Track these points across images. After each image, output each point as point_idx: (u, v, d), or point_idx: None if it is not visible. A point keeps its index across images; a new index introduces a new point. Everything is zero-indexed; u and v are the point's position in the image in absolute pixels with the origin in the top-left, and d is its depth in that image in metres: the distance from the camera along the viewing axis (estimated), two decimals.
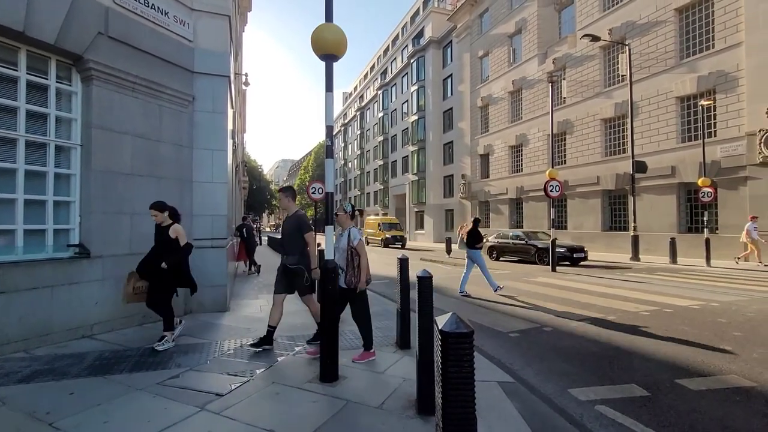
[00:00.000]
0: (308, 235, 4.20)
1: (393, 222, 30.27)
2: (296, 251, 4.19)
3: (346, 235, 3.91)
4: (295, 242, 4.19)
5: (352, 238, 3.86)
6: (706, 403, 3.07)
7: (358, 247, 3.85)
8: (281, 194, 4.47)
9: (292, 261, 4.18)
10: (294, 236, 4.20)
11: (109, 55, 4.93)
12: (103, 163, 4.91)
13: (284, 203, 4.42)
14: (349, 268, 3.79)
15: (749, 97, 13.34)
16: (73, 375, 3.48)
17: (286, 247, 4.26)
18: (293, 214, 4.30)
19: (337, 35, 3.49)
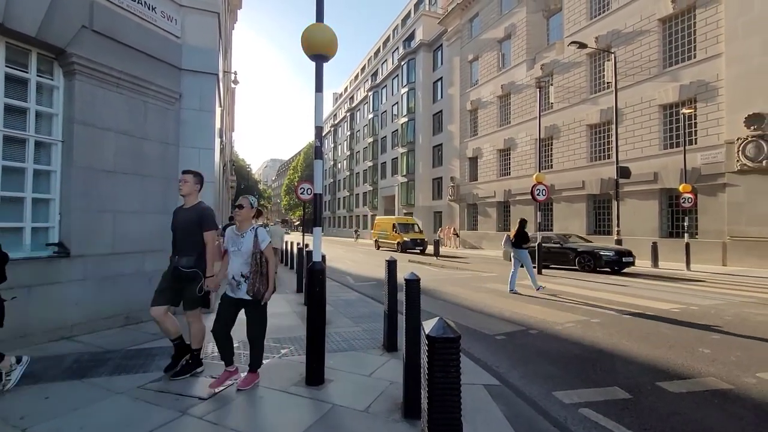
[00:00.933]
0: (210, 234, 3.49)
1: (410, 222, 25.44)
2: (193, 251, 3.45)
3: (251, 236, 3.26)
4: (193, 240, 3.46)
5: (259, 239, 3.25)
6: (686, 405, 3.13)
7: (267, 251, 3.29)
8: (185, 176, 3.56)
9: (188, 263, 3.43)
10: (192, 232, 3.46)
11: (93, 50, 4.81)
12: (85, 160, 4.78)
13: (186, 188, 3.52)
14: (256, 276, 3.17)
15: (728, 107, 13.76)
16: (49, 378, 3.37)
17: (179, 245, 3.49)
18: (194, 205, 3.54)
19: (328, 35, 3.47)
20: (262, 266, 3.21)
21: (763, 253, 12.68)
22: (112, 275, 5.04)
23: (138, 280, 5.35)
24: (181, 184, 3.54)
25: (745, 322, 5.77)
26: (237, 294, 3.26)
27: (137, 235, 5.39)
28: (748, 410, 3.03)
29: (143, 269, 5.44)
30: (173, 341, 3.56)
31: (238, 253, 3.25)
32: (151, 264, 5.54)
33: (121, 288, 5.13)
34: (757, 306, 7.03)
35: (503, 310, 6.64)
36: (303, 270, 7.89)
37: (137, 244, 5.38)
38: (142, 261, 5.44)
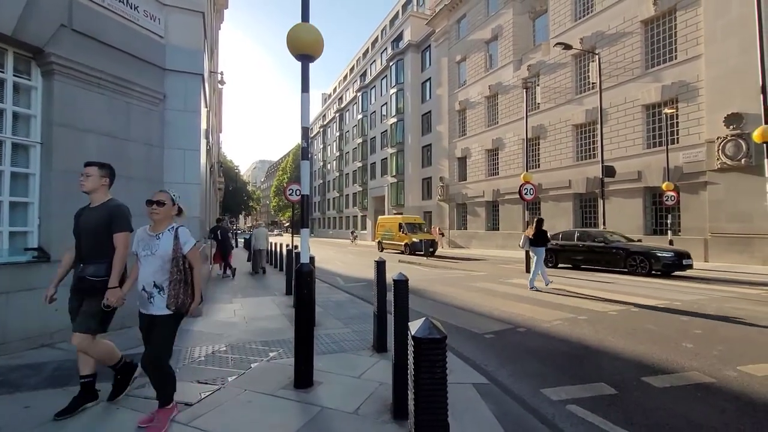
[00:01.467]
0: (121, 237, 2.86)
1: (418, 222, 23.43)
2: (103, 258, 2.86)
3: (169, 238, 2.70)
4: (102, 244, 2.85)
5: (181, 241, 2.70)
6: (671, 399, 3.19)
7: (192, 255, 2.73)
8: (87, 169, 2.95)
9: (96, 272, 2.83)
10: (100, 235, 2.85)
11: (73, 49, 4.70)
12: (65, 163, 4.66)
13: (90, 184, 2.93)
14: (179, 285, 2.61)
15: (708, 107, 14.11)
16: (29, 387, 3.27)
17: (85, 251, 2.90)
18: (104, 203, 2.96)
19: (313, 35, 3.45)
20: (186, 273, 2.67)
21: (743, 248, 13.03)
22: None
23: None
24: (83, 180, 2.91)
25: (726, 318, 5.92)
26: (149, 309, 2.66)
27: None
28: (729, 402, 3.11)
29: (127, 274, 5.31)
30: (114, 367, 2.99)
31: (150, 258, 2.67)
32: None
33: None
34: (738, 301, 7.22)
35: (492, 309, 6.69)
36: (292, 272, 7.83)
37: None
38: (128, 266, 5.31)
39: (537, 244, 8.79)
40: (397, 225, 22.54)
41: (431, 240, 20.62)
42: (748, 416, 2.89)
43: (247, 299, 7.69)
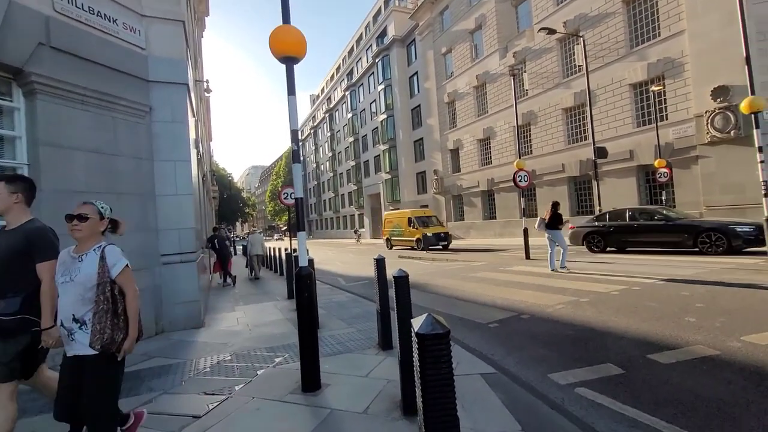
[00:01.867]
0: (46, 267, 2.33)
1: (429, 214, 21.89)
2: (16, 291, 2.30)
3: (95, 258, 2.21)
4: (14, 275, 2.31)
5: (109, 262, 2.21)
6: (677, 375, 3.21)
7: (123, 279, 2.25)
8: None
9: (8, 308, 2.25)
10: (12, 264, 2.30)
11: (54, 67, 4.62)
12: (54, 183, 4.60)
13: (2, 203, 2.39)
14: (105, 317, 2.10)
15: (695, 81, 14.17)
16: (35, 411, 3.23)
17: None
18: (20, 225, 2.43)
19: (295, 37, 3.41)
20: (115, 302, 2.17)
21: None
22: None
23: None
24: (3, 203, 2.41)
25: (726, 289, 5.96)
26: (71, 348, 2.13)
27: None
28: (735, 374, 3.13)
29: None
30: None
31: (69, 285, 2.15)
32: None
33: None
34: (737, 272, 7.27)
35: (495, 298, 6.70)
36: (292, 276, 7.81)
37: None
38: None
39: (552, 226, 9.09)
40: (406, 220, 21.05)
41: (445, 232, 19.59)
42: (754, 386, 2.91)
43: (249, 306, 7.67)
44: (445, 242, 19.18)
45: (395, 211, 25.84)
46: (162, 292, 5.78)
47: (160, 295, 5.76)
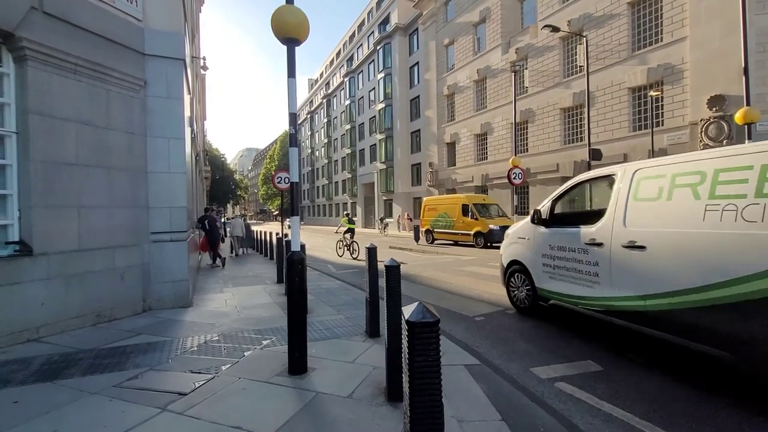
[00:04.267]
0: None
1: (490, 202, 18.19)
2: None
3: None
4: None
5: None
6: (654, 372, 3.31)
7: None
8: None
9: None
10: None
11: (46, 34, 4.48)
12: (43, 153, 4.51)
13: None
14: None
15: (692, 89, 14.29)
16: (17, 382, 3.22)
17: None
18: None
19: (299, 18, 3.35)
20: None
21: None
22: (79, 273, 4.83)
23: (108, 277, 5.16)
24: None
25: None
26: None
27: (105, 230, 5.16)
28: (714, 373, 3.23)
29: (113, 265, 5.24)
30: None
31: None
32: (122, 260, 5.35)
33: (90, 285, 4.93)
34: None
35: (482, 292, 6.79)
36: (283, 260, 7.80)
37: (106, 239, 5.16)
38: (112, 257, 5.24)
39: None
40: (460, 207, 17.22)
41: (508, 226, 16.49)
42: (727, 386, 3.02)
43: (238, 288, 7.66)
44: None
45: (441, 197, 21.65)
46: (150, 269, 5.74)
47: (149, 273, 5.72)
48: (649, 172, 3.70)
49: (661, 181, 3.53)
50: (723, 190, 2.97)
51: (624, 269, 3.71)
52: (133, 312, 5.49)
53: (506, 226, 14.39)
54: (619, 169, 4.09)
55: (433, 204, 19.54)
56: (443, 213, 18.43)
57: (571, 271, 4.41)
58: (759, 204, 2.72)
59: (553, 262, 4.73)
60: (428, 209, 19.65)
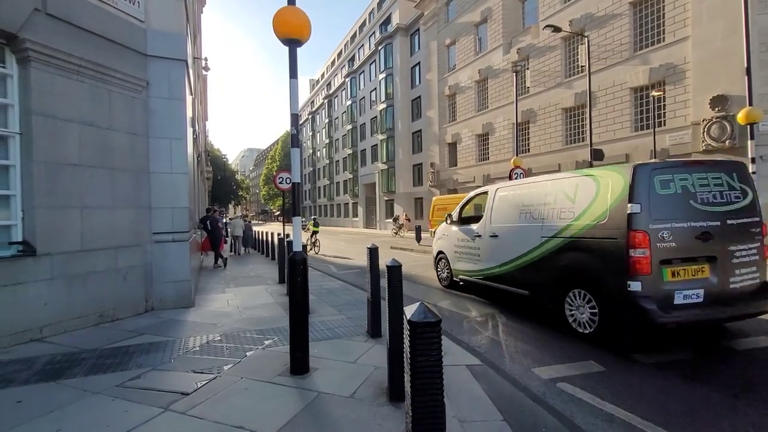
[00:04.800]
0: None
1: None
2: None
3: None
4: None
5: None
6: (655, 374, 3.31)
7: None
8: None
9: None
10: None
11: (49, 35, 4.51)
12: (46, 154, 4.53)
13: None
14: None
15: (694, 89, 14.24)
16: (20, 381, 3.24)
17: None
18: None
19: (301, 19, 3.36)
20: None
21: None
22: (82, 273, 4.85)
23: (111, 277, 5.18)
24: None
25: None
26: None
27: (107, 230, 5.18)
28: (712, 376, 3.23)
29: (116, 266, 5.26)
30: None
31: None
32: (124, 260, 5.37)
33: (92, 286, 4.95)
34: None
35: (483, 292, 6.78)
36: (284, 260, 7.82)
37: (108, 239, 5.18)
38: (115, 257, 5.26)
39: None
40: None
41: None
42: (727, 388, 3.01)
43: (240, 288, 7.68)
44: None
45: (451, 196, 20.26)
46: (153, 269, 5.76)
47: (151, 273, 5.74)
48: (501, 191, 6.09)
49: (506, 196, 5.91)
50: (525, 201, 5.39)
51: (490, 250, 5.97)
52: (136, 312, 5.51)
53: None
54: (490, 188, 6.44)
55: (444, 203, 18.64)
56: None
57: (467, 254, 6.58)
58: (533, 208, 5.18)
59: (460, 249, 6.83)
60: (438, 209, 18.77)
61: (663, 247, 3.72)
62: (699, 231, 3.79)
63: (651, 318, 3.57)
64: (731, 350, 3.76)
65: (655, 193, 3.81)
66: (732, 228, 3.92)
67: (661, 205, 3.80)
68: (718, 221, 3.87)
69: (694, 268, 3.81)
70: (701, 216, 3.82)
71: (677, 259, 3.78)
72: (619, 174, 4.09)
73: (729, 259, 3.88)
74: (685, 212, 3.81)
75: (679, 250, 3.76)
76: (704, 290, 3.74)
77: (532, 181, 5.54)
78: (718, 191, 3.96)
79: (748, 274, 3.96)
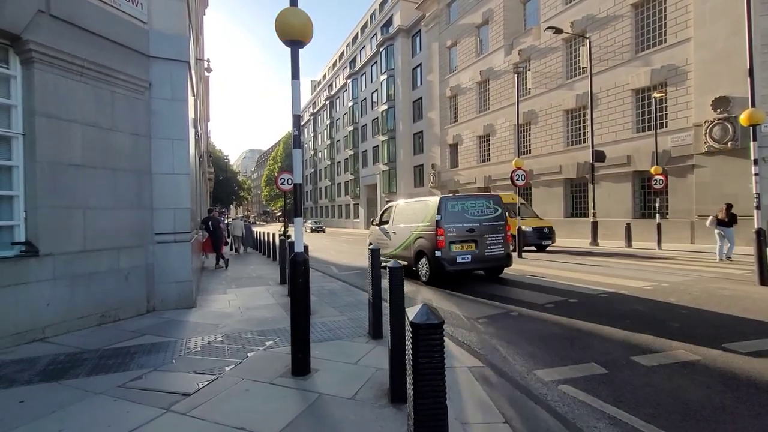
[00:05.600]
0: None
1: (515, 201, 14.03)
2: None
3: None
4: None
5: None
6: (658, 377, 3.29)
7: None
8: None
9: None
10: None
11: (52, 36, 4.53)
12: (49, 154, 4.55)
13: None
14: None
15: (696, 90, 14.22)
16: (23, 382, 3.25)
17: None
18: None
19: (303, 20, 3.37)
20: None
21: None
22: (84, 273, 4.86)
23: (113, 277, 5.20)
24: None
25: (711, 297, 6.09)
26: None
27: (110, 231, 5.20)
28: (714, 379, 3.22)
29: (118, 266, 5.27)
30: None
31: None
32: (126, 260, 5.38)
33: (95, 286, 4.96)
34: (722, 281, 7.42)
35: (484, 294, 6.78)
36: (286, 261, 7.82)
37: (110, 240, 5.20)
38: (117, 257, 5.27)
39: (726, 224, 10.23)
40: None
41: (549, 227, 13.94)
42: (731, 391, 3.00)
43: (241, 289, 7.69)
44: (549, 241, 13.70)
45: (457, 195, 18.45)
46: (155, 270, 5.77)
47: (153, 274, 5.75)
48: (397, 206, 9.55)
49: (400, 209, 9.38)
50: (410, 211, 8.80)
51: (393, 239, 9.30)
52: (137, 312, 5.52)
53: (540, 227, 13.74)
54: (394, 203, 9.87)
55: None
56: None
57: (383, 243, 9.70)
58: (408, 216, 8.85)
59: (378, 240, 10.06)
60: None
61: (451, 236, 7.45)
62: (468, 228, 7.62)
63: (446, 269, 7.40)
64: (736, 353, 3.75)
65: (448, 211, 7.58)
66: (486, 226, 7.75)
67: (450, 216, 7.55)
68: (478, 223, 7.71)
69: (466, 245, 7.59)
70: (469, 221, 7.66)
71: (457, 241, 7.52)
72: (436, 200, 7.83)
73: (485, 241, 7.70)
74: (461, 219, 7.62)
75: (458, 236, 7.53)
76: (471, 256, 7.56)
77: (406, 202, 9.56)
78: (480, 209, 7.83)
79: (496, 248, 7.79)
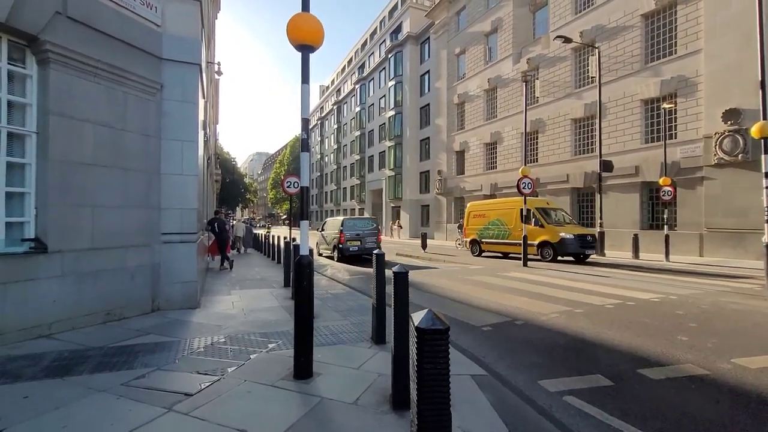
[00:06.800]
0: None
1: (554, 207, 15.37)
2: None
3: None
4: None
5: None
6: (665, 391, 3.24)
7: None
8: None
9: None
10: None
11: (68, 37, 4.62)
12: (61, 153, 4.62)
13: None
14: None
15: (707, 102, 14.11)
16: (28, 377, 3.27)
17: None
18: None
19: (314, 25, 3.41)
20: None
21: (737, 243, 13.14)
22: (92, 271, 4.91)
23: (119, 276, 5.24)
24: None
25: (720, 311, 5.99)
26: None
27: (118, 229, 5.25)
28: (723, 394, 3.15)
29: (125, 265, 5.32)
30: None
31: None
32: (133, 259, 5.42)
33: (101, 284, 5.01)
34: (732, 295, 7.30)
35: (489, 302, 6.73)
36: (290, 264, 7.83)
37: (118, 238, 5.25)
38: (124, 256, 5.31)
39: None
40: (517, 212, 14.13)
41: (592, 235, 13.40)
42: (741, 407, 2.94)
43: (245, 291, 7.70)
44: (592, 250, 13.08)
45: (490, 201, 18.13)
46: (160, 270, 5.81)
47: (159, 273, 5.79)
48: (328, 221, 16.54)
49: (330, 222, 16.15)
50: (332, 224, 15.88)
51: (327, 240, 15.39)
52: (142, 311, 5.55)
53: (583, 235, 13.09)
54: (327, 219, 16.98)
55: (481, 210, 16.83)
56: (495, 220, 15.69)
57: (324, 244, 15.84)
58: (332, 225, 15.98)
59: (322, 242, 16.20)
60: (475, 216, 16.99)
61: (347, 236, 13.78)
62: (356, 233, 13.99)
63: (345, 254, 13.79)
64: (745, 368, 3.67)
65: (347, 225, 14.08)
66: (366, 233, 14.11)
67: (348, 227, 14.00)
68: (362, 231, 14.11)
69: (355, 242, 13.87)
70: (357, 230, 14.07)
71: (351, 239, 13.76)
72: (341, 218, 14.66)
73: (365, 240, 13.94)
74: (353, 229, 14.05)
75: (351, 237, 13.81)
76: (358, 247, 13.81)
77: (331, 219, 15.05)
78: (364, 224, 14.54)
79: (371, 244, 13.87)
